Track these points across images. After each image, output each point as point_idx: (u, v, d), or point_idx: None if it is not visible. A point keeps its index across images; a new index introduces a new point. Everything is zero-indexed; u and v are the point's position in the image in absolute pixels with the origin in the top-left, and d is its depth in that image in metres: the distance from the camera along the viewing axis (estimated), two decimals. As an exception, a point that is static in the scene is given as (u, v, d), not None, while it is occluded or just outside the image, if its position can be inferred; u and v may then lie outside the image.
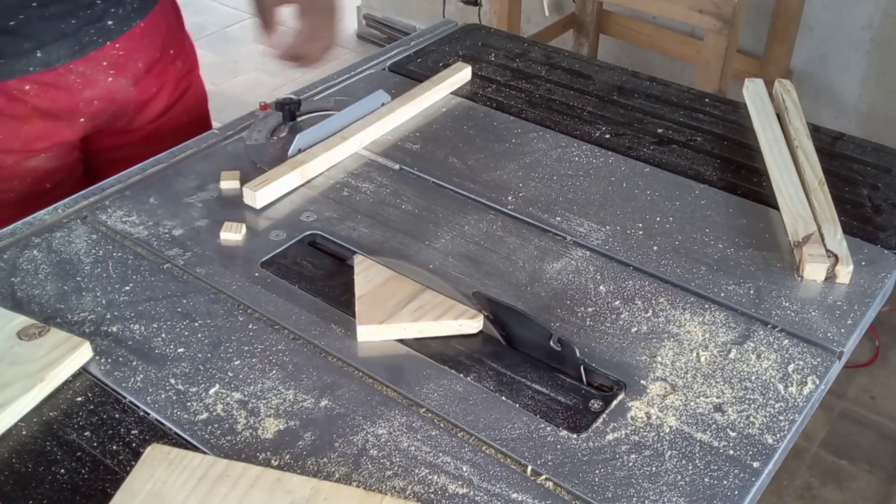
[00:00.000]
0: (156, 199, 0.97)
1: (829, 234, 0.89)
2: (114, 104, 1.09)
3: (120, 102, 1.10)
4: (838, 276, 0.86)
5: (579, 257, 0.90)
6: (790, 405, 0.74)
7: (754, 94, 1.15)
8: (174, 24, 1.16)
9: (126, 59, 1.08)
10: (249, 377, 0.76)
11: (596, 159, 1.05)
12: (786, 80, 1.16)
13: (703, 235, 0.92)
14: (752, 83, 1.16)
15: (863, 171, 1.03)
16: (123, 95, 1.09)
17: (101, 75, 1.06)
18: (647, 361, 0.78)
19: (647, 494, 0.66)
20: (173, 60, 1.15)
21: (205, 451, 0.69)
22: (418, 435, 0.71)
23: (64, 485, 0.66)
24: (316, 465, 0.68)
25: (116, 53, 1.06)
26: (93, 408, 0.73)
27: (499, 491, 0.67)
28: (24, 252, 0.89)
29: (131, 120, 1.13)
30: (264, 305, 0.83)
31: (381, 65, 1.24)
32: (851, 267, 0.86)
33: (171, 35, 1.15)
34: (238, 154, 1.04)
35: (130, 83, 1.10)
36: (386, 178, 1.01)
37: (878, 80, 2.41)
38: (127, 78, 1.09)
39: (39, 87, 1.01)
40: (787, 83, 1.15)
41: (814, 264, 0.86)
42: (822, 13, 2.40)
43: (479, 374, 0.77)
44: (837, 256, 0.86)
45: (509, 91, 1.18)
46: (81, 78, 1.04)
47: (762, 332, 0.81)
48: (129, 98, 1.10)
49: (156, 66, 1.12)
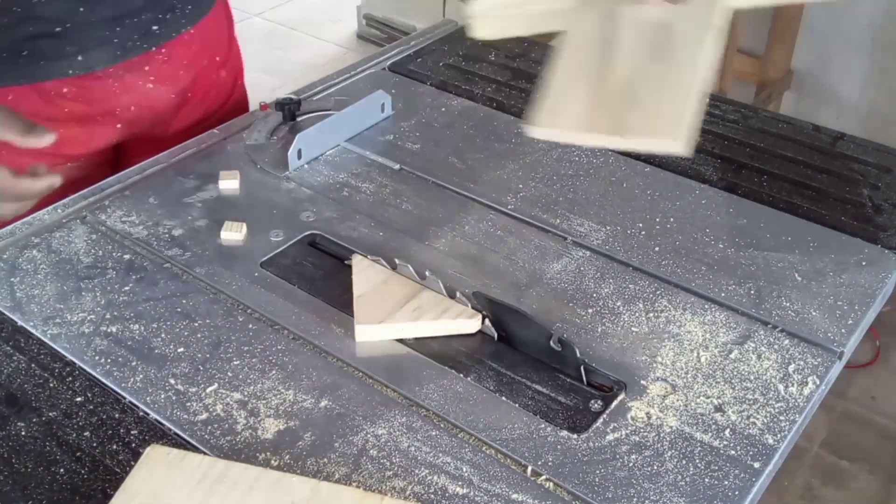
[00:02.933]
0: (155, 199, 0.96)
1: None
2: (152, 111, 1.05)
3: (158, 109, 1.06)
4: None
5: (579, 257, 0.90)
6: (791, 405, 0.74)
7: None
8: (225, 30, 1.12)
9: (169, 65, 1.04)
10: (249, 377, 0.76)
11: (596, 159, 1.05)
12: None
13: (703, 235, 0.92)
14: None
15: (863, 171, 1.03)
16: (162, 102, 1.06)
17: (140, 80, 1.02)
18: (647, 361, 0.78)
19: (648, 495, 0.66)
20: (218, 69, 1.11)
21: (204, 451, 0.69)
22: (418, 435, 0.71)
23: (63, 485, 0.66)
24: (316, 465, 0.68)
25: (161, 59, 1.02)
26: (92, 408, 0.73)
27: (499, 491, 0.66)
28: (23, 252, 0.89)
29: (167, 127, 1.09)
30: (264, 305, 0.83)
31: (381, 65, 1.24)
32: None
33: (220, 42, 1.11)
34: (238, 154, 1.04)
35: (171, 90, 1.06)
36: (386, 178, 1.01)
37: (878, 79, 2.41)
38: (167, 85, 1.05)
39: (77, 90, 0.98)
40: None
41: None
42: (823, 13, 2.40)
43: (479, 374, 0.77)
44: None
45: (510, 91, 1.18)
46: (120, 82, 1.00)
47: (763, 332, 0.81)
48: (167, 105, 1.06)
49: (200, 74, 1.08)
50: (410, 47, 1.29)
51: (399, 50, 1.28)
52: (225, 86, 1.15)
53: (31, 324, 0.80)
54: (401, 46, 1.30)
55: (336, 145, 1.06)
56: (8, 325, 0.80)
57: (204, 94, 1.11)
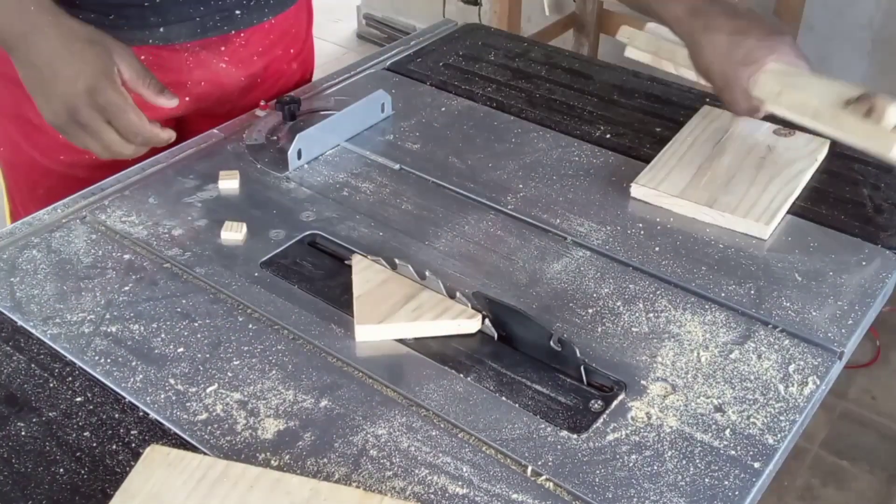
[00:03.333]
0: (155, 199, 0.96)
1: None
2: (221, 89, 1.10)
3: (227, 88, 1.10)
4: None
5: (580, 257, 0.90)
6: (791, 405, 0.74)
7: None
8: (304, 26, 1.17)
9: (246, 49, 1.08)
10: (249, 377, 0.75)
11: (596, 159, 1.05)
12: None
13: (703, 235, 0.92)
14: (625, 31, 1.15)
15: (864, 171, 1.03)
16: (232, 83, 1.10)
17: (215, 59, 1.06)
18: (647, 362, 0.77)
19: (648, 495, 0.66)
20: (290, 61, 1.16)
21: (204, 451, 0.69)
22: (418, 435, 0.71)
23: (63, 485, 0.66)
24: (316, 465, 0.68)
25: (238, 42, 1.07)
26: (92, 408, 0.73)
27: (499, 491, 0.66)
28: (23, 252, 0.89)
29: (233, 107, 1.13)
30: (264, 305, 0.83)
31: (381, 65, 1.24)
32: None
33: (298, 36, 1.16)
34: (238, 154, 1.04)
35: (243, 73, 1.10)
36: (386, 178, 1.01)
37: (878, 79, 2.41)
38: (240, 67, 1.09)
39: (154, 59, 1.01)
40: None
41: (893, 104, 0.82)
42: (823, 13, 2.40)
43: (479, 374, 0.76)
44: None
45: (510, 91, 1.18)
46: (195, 57, 1.05)
47: (763, 332, 0.81)
48: (237, 86, 1.11)
49: (273, 62, 1.13)
50: (410, 47, 1.29)
51: (399, 50, 1.28)
52: (294, 77, 1.19)
53: (31, 324, 0.80)
54: (401, 46, 1.30)
55: (336, 145, 1.06)
56: (8, 325, 0.80)
57: (273, 82, 1.15)
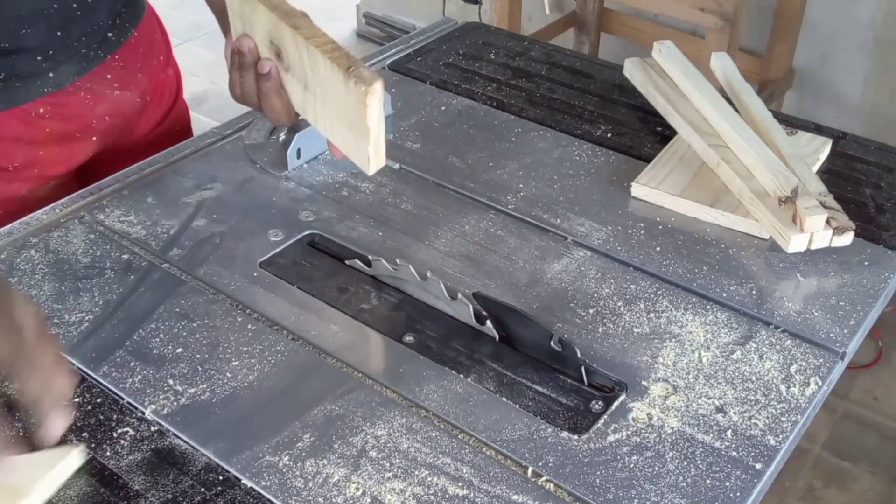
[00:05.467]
0: (154, 199, 0.96)
1: (811, 182, 0.90)
2: (123, 118, 1.09)
3: (127, 115, 1.09)
4: (838, 223, 0.86)
5: (580, 257, 0.89)
6: (792, 406, 0.73)
7: (668, 58, 1.10)
8: (158, 29, 1.16)
9: (126, 70, 1.07)
10: (248, 377, 0.75)
11: (597, 158, 1.04)
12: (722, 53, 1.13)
13: (705, 235, 0.92)
14: (663, 46, 1.11)
15: (865, 171, 1.03)
16: (130, 107, 1.09)
17: (107, 90, 1.05)
18: (648, 362, 0.77)
19: (649, 496, 0.66)
20: (164, 68, 1.15)
21: (204, 451, 0.69)
22: (418, 436, 0.70)
23: (63, 485, 0.66)
24: (315, 465, 0.68)
25: (117, 66, 1.06)
26: (90, 408, 0.72)
27: (499, 492, 0.66)
28: (21, 252, 0.88)
29: (132, 134, 1.12)
30: (263, 306, 0.83)
31: (381, 64, 1.24)
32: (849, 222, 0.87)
33: (159, 41, 1.15)
34: (237, 153, 1.04)
35: (135, 94, 1.09)
36: (386, 178, 1.01)
37: (880, 78, 2.40)
38: (131, 89, 1.08)
39: (53, 109, 1.00)
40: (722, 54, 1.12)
41: (812, 216, 0.85)
42: (825, 12, 2.40)
43: (479, 374, 0.76)
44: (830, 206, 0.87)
45: (510, 90, 1.18)
46: (90, 94, 1.04)
47: (764, 332, 0.80)
48: (134, 109, 1.10)
49: (152, 75, 1.12)
50: (410, 46, 1.29)
51: (399, 49, 1.28)
52: (172, 84, 1.18)
53: (29, 324, 0.80)
54: (400, 45, 1.29)
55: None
56: (5, 325, 0.80)
57: (159, 95, 1.15)
